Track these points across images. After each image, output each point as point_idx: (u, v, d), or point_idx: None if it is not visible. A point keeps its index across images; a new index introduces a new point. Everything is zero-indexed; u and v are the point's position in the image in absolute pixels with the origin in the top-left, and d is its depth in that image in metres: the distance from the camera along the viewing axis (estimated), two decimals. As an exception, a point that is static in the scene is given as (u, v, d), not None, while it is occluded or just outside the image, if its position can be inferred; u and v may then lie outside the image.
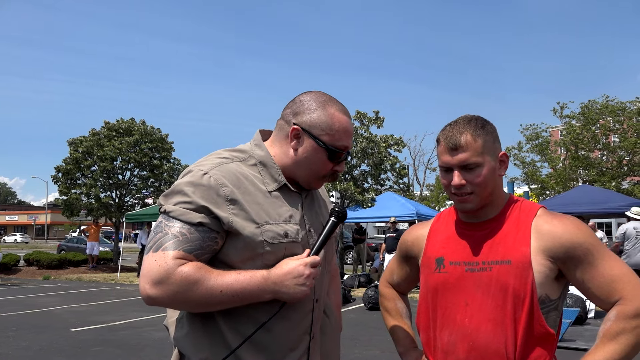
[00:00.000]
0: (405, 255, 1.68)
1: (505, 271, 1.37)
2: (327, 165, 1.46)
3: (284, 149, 1.47)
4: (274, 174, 1.45)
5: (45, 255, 18.48)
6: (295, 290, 1.34)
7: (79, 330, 7.44)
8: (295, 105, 1.48)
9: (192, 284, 1.26)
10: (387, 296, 1.78)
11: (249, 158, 1.46)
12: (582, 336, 6.64)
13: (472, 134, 1.40)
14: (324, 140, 1.43)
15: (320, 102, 1.46)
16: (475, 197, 1.42)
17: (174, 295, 1.26)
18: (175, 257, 1.27)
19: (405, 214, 14.28)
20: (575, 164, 26.20)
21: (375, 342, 6.62)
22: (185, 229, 1.30)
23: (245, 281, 1.30)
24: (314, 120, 1.43)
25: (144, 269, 1.29)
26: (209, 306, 1.31)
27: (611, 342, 1.29)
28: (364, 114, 17.28)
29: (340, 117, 1.46)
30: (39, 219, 61.54)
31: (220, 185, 1.33)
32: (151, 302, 1.29)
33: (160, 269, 1.26)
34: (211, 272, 1.29)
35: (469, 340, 1.40)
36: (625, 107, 25.68)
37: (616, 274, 1.34)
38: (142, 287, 1.29)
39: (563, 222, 1.39)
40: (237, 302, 1.31)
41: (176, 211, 1.32)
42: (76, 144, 18.45)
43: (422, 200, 36.74)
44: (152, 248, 1.30)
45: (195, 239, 1.30)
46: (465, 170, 1.41)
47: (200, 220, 1.30)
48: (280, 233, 1.38)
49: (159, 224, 1.33)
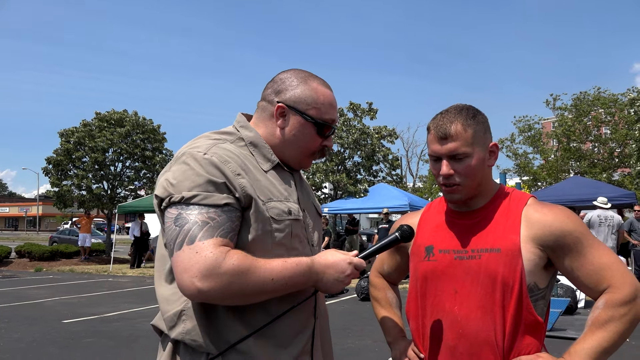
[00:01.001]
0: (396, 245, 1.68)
1: (494, 259, 1.38)
2: (316, 140, 1.44)
3: (270, 129, 1.43)
4: (266, 153, 1.41)
5: (37, 247, 18.40)
6: (334, 284, 1.32)
7: (71, 322, 7.43)
8: (276, 84, 1.45)
9: (245, 273, 1.19)
10: (377, 286, 1.78)
11: (237, 140, 1.41)
12: (572, 325, 6.71)
13: (462, 123, 1.39)
14: (311, 114, 1.41)
15: (301, 78, 1.44)
16: (462, 188, 1.41)
17: (229, 286, 1.18)
18: (216, 244, 1.19)
19: (398, 205, 14.31)
20: (567, 156, 26.36)
21: (367, 332, 6.66)
22: (212, 213, 1.22)
23: (293, 268, 1.26)
24: (298, 96, 1.41)
25: (184, 264, 1.18)
26: (260, 295, 1.24)
27: (600, 330, 1.30)
28: (357, 105, 17.28)
29: (323, 90, 1.45)
30: (31, 211, 61.17)
31: (224, 162, 1.28)
32: (202, 296, 1.19)
33: (207, 259, 1.17)
34: (257, 260, 1.23)
35: (458, 328, 1.40)
36: (617, 99, 25.83)
37: (604, 262, 1.34)
38: (188, 282, 1.17)
39: (553, 211, 1.39)
40: (284, 291, 1.27)
41: (198, 196, 1.23)
42: (67, 135, 18.32)
43: (414, 191, 36.85)
44: (185, 241, 1.19)
45: (225, 221, 1.23)
46: (454, 160, 1.40)
47: (226, 201, 1.24)
48: (285, 210, 1.35)
49: (179, 216, 1.22)
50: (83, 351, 5.71)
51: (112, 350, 5.73)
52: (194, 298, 1.21)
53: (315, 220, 1.53)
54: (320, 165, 16.46)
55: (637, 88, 22.63)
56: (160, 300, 1.37)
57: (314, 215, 1.53)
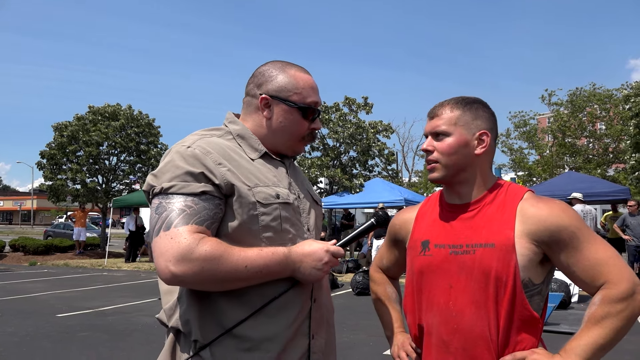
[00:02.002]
0: (394, 239, 1.68)
1: (488, 254, 1.37)
2: (303, 124, 1.49)
3: (257, 121, 1.49)
4: (253, 143, 1.47)
5: (31, 241, 18.33)
6: (311, 273, 1.35)
7: (65, 316, 7.41)
8: (256, 78, 1.51)
9: (217, 259, 1.24)
10: (377, 281, 1.78)
11: (225, 134, 1.48)
12: (566, 320, 6.74)
13: (452, 105, 1.46)
14: (293, 100, 1.46)
15: (279, 68, 1.50)
16: (440, 167, 1.45)
17: (201, 272, 1.23)
18: (190, 231, 1.25)
19: (394, 200, 14.32)
20: (562, 151, 26.45)
21: (362, 327, 6.68)
22: (189, 201, 1.28)
23: (268, 257, 1.30)
24: (279, 85, 1.47)
25: (160, 249, 1.24)
26: (233, 282, 1.28)
27: (596, 327, 1.29)
28: (352, 99, 17.24)
29: (302, 75, 1.50)
30: (25, 205, 60.88)
31: (205, 153, 1.34)
32: (176, 280, 1.25)
33: (181, 245, 1.22)
34: (232, 247, 1.28)
35: (453, 323, 1.40)
36: (612, 95, 25.90)
37: (601, 257, 1.33)
38: (163, 267, 1.23)
39: (549, 206, 1.38)
40: (259, 279, 1.30)
41: (175, 186, 1.30)
42: (61, 128, 18.20)
43: (410, 186, 36.86)
44: (162, 228, 1.26)
45: (202, 209, 1.28)
46: (436, 137, 1.45)
47: (202, 189, 1.29)
48: (272, 194, 1.38)
49: (159, 205, 1.30)
50: (78, 345, 5.69)
51: (107, 344, 5.72)
52: (168, 282, 1.26)
53: (312, 206, 1.56)
54: (315, 160, 16.45)
55: (631, 84, 22.68)
56: (162, 293, 1.43)
57: (309, 201, 1.56)
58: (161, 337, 1.45)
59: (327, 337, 1.51)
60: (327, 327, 1.52)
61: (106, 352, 5.37)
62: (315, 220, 1.56)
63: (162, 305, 1.43)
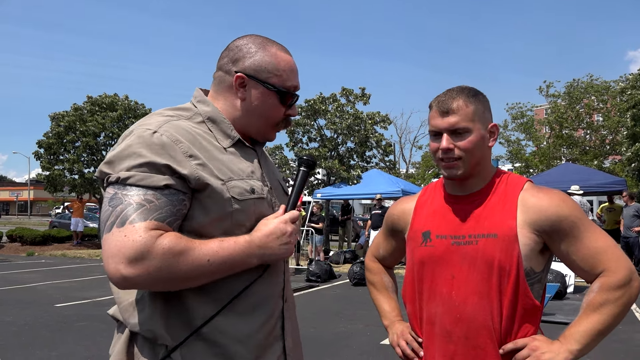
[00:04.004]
0: (392, 229, 1.68)
1: (491, 244, 1.38)
2: (279, 110, 1.35)
3: (230, 101, 1.34)
4: (226, 129, 1.32)
5: (28, 231, 18.32)
6: (281, 249, 1.26)
7: (63, 306, 7.43)
8: (232, 52, 1.34)
9: (177, 256, 1.11)
10: (373, 270, 1.79)
11: (194, 115, 1.31)
12: (561, 310, 6.80)
13: (464, 99, 1.41)
14: (272, 82, 1.32)
15: (258, 44, 1.34)
16: (462, 163, 1.41)
17: (158, 272, 1.10)
18: (148, 228, 1.10)
19: (391, 191, 14.35)
20: (559, 143, 26.50)
21: (359, 317, 6.71)
22: (150, 195, 1.13)
23: (230, 247, 1.18)
24: (257, 64, 1.31)
25: (111, 247, 1.10)
26: (196, 279, 1.16)
27: (595, 313, 1.32)
28: (350, 90, 17.19)
29: (283, 56, 1.35)
30: (22, 195, 60.74)
31: (175, 141, 1.18)
32: (127, 283, 1.11)
33: (135, 244, 1.08)
34: (193, 241, 1.15)
35: (456, 313, 1.41)
36: (609, 87, 25.90)
37: (600, 246, 1.35)
38: (113, 269, 1.09)
39: (549, 196, 1.40)
40: (224, 272, 1.19)
41: (135, 176, 1.14)
42: (58, 118, 18.13)
43: (407, 177, 36.93)
44: (115, 223, 1.11)
45: (164, 205, 1.14)
46: (455, 135, 1.40)
47: (166, 182, 1.15)
48: (247, 189, 1.26)
49: (114, 196, 1.14)
50: (75, 334, 5.72)
51: (105, 334, 5.73)
52: (119, 286, 1.13)
53: (283, 198, 1.43)
54: (313, 151, 16.42)
55: (628, 76, 22.68)
56: (114, 290, 1.28)
57: (280, 193, 1.44)
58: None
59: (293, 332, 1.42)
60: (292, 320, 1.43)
61: (104, 342, 5.39)
62: None
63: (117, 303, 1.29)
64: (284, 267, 1.40)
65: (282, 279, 1.37)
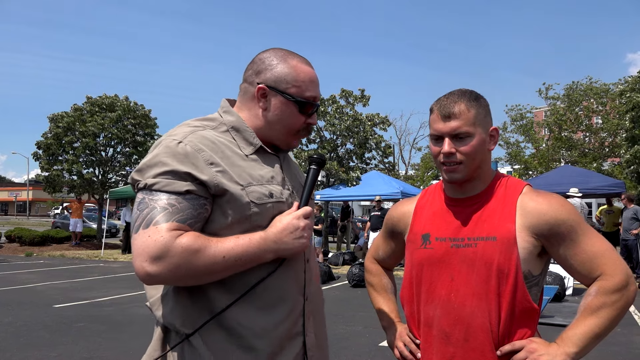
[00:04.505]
0: (391, 231, 1.69)
1: (490, 247, 1.39)
2: (299, 118, 1.44)
3: (253, 111, 1.44)
4: (248, 137, 1.42)
5: (27, 231, 18.30)
6: (295, 244, 1.33)
7: (62, 307, 7.42)
8: (256, 64, 1.45)
9: (194, 254, 1.22)
10: (372, 272, 1.80)
11: (219, 125, 1.42)
12: (560, 312, 6.81)
13: (466, 104, 1.41)
14: (291, 93, 1.41)
15: (280, 57, 1.44)
16: (463, 168, 1.42)
17: (177, 269, 1.21)
18: (169, 229, 1.22)
19: (390, 192, 14.35)
20: (558, 145, 26.54)
21: (358, 319, 6.72)
22: (173, 200, 1.25)
23: (245, 244, 1.28)
24: (277, 75, 1.41)
25: (137, 247, 1.22)
26: (213, 274, 1.27)
27: (592, 316, 1.32)
28: (349, 92, 17.21)
29: (303, 67, 1.44)
30: (21, 196, 60.68)
31: (197, 150, 1.29)
32: (152, 280, 1.23)
33: (157, 243, 1.20)
34: (210, 239, 1.26)
35: (455, 315, 1.42)
36: (609, 89, 25.95)
37: (598, 250, 1.36)
38: (139, 267, 1.21)
39: (548, 200, 1.41)
40: (239, 267, 1.29)
41: (159, 183, 1.26)
42: (56, 119, 18.12)
43: (407, 179, 36.94)
44: (142, 225, 1.24)
45: (186, 208, 1.25)
46: (456, 139, 1.42)
47: (187, 188, 1.26)
48: (266, 193, 1.35)
49: (142, 201, 1.27)
50: (75, 335, 5.71)
51: (104, 335, 5.74)
52: (145, 282, 1.25)
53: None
54: (312, 152, 16.45)
55: (627, 79, 22.72)
56: (145, 287, 1.40)
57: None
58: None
59: (316, 329, 1.49)
60: (319, 321, 1.51)
61: (103, 343, 5.39)
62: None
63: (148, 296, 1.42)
64: (305, 266, 1.45)
65: (302, 277, 1.43)
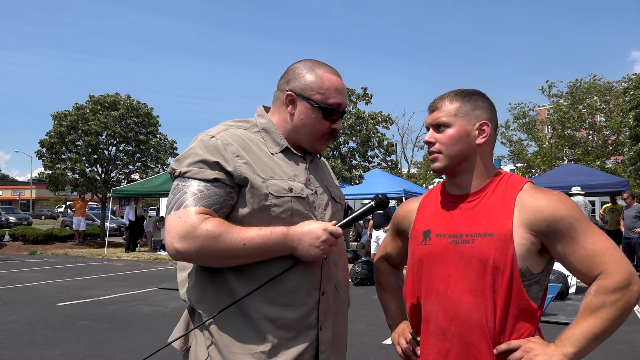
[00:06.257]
0: (397, 229, 1.71)
1: (486, 243, 1.39)
2: (324, 124, 1.55)
3: (283, 116, 1.57)
4: (276, 138, 1.55)
5: (31, 230, 18.35)
6: (309, 250, 1.42)
7: (65, 305, 7.45)
8: (288, 74, 1.59)
9: (217, 237, 1.34)
10: (381, 270, 1.81)
11: (252, 126, 1.57)
12: (563, 311, 6.79)
13: (450, 98, 1.49)
14: (315, 99, 1.53)
15: (308, 67, 1.57)
16: (442, 157, 1.48)
17: (201, 248, 1.33)
18: (197, 212, 1.36)
19: (393, 191, 14.35)
20: (561, 143, 26.47)
21: (360, 317, 6.72)
22: (202, 186, 1.39)
23: (267, 235, 1.38)
24: (304, 83, 1.54)
25: (169, 226, 1.37)
26: (233, 259, 1.38)
27: (591, 316, 1.30)
28: (352, 90, 17.20)
29: (329, 76, 1.56)
30: (24, 194, 60.86)
31: (226, 144, 1.44)
32: (179, 256, 1.36)
33: (185, 224, 1.34)
34: (233, 227, 1.37)
35: (451, 311, 1.42)
36: (612, 87, 25.87)
37: (598, 248, 1.34)
38: (169, 243, 1.36)
39: (547, 196, 1.40)
40: (258, 256, 1.39)
41: (191, 171, 1.41)
42: (60, 118, 18.15)
43: (409, 177, 36.89)
44: (174, 207, 1.38)
45: (213, 194, 1.39)
46: (437, 129, 1.49)
47: (215, 176, 1.40)
48: (285, 187, 1.46)
49: (176, 186, 1.42)
50: (78, 333, 5.73)
51: (107, 333, 5.75)
52: (173, 257, 1.38)
53: (330, 202, 1.62)
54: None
55: (631, 77, 22.64)
56: (178, 268, 1.60)
57: (328, 197, 1.62)
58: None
59: (336, 328, 1.57)
60: (336, 318, 1.57)
61: (106, 341, 5.41)
62: (332, 216, 1.60)
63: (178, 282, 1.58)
64: (322, 262, 1.52)
65: (318, 273, 1.51)
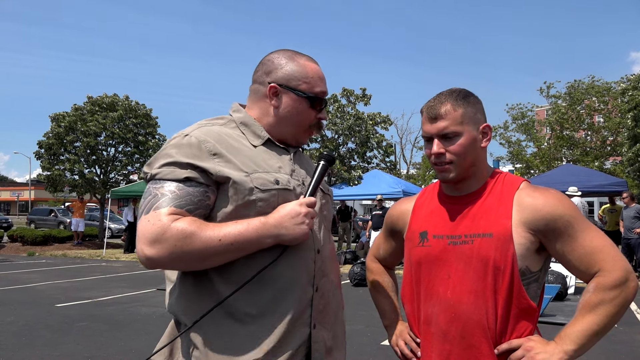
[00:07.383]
0: (391, 230, 1.70)
1: (486, 244, 1.39)
2: (310, 114, 1.49)
3: (264, 109, 1.49)
4: (256, 130, 1.47)
5: (29, 231, 18.35)
6: (296, 229, 1.33)
7: (64, 306, 7.44)
8: (265, 66, 1.51)
9: (188, 237, 1.24)
10: (373, 270, 1.80)
11: (228, 122, 1.48)
12: (562, 311, 6.79)
13: (452, 103, 1.42)
14: (302, 89, 1.47)
15: (288, 56, 1.50)
16: (454, 167, 1.43)
17: (172, 252, 1.24)
18: (168, 213, 1.26)
19: (392, 191, 14.35)
20: (560, 144, 26.50)
21: (359, 318, 6.72)
22: (173, 187, 1.30)
23: (243, 227, 1.29)
24: (288, 74, 1.47)
25: (138, 232, 1.28)
26: (210, 258, 1.28)
27: (590, 314, 1.31)
28: (350, 91, 17.20)
29: (311, 65, 1.51)
30: (22, 196, 60.77)
31: (201, 141, 1.34)
32: (150, 263, 1.27)
33: (155, 227, 1.25)
34: (207, 224, 1.29)
35: (452, 312, 1.42)
36: (611, 88, 25.91)
37: (596, 245, 1.35)
38: (139, 250, 1.27)
39: (545, 195, 1.40)
40: (237, 251, 1.30)
41: (162, 172, 1.32)
42: (58, 119, 18.14)
43: (408, 178, 36.93)
44: (144, 211, 1.29)
45: (185, 195, 1.30)
46: (445, 139, 1.43)
47: (187, 175, 1.31)
48: (271, 180, 1.37)
49: (147, 190, 1.33)
50: (76, 335, 5.72)
51: (106, 334, 5.75)
52: (145, 265, 1.29)
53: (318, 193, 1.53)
54: (313, 151, 16.44)
55: (629, 77, 22.67)
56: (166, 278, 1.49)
57: None
58: (159, 328, 1.48)
59: (335, 331, 1.50)
60: (334, 320, 1.51)
61: (104, 342, 5.40)
62: (322, 207, 1.53)
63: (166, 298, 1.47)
64: (315, 256, 1.44)
65: (312, 267, 1.42)
